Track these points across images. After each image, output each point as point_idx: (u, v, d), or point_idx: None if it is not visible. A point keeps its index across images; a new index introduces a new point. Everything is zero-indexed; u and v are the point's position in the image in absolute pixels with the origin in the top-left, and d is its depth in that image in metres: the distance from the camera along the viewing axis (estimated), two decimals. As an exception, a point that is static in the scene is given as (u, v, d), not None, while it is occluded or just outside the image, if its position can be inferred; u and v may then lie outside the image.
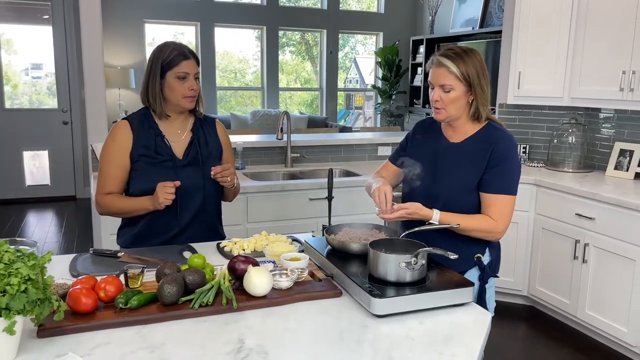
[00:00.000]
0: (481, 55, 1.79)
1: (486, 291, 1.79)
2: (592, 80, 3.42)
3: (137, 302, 1.35)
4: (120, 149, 1.95)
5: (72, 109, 6.48)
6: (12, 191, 6.34)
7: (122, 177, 1.97)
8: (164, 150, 1.97)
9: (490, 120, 1.82)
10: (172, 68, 1.91)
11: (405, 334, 1.32)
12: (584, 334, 3.26)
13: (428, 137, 1.92)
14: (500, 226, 1.74)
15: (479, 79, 1.73)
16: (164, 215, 1.94)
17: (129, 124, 1.98)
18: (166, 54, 1.91)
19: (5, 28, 6.15)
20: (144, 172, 1.95)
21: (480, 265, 1.80)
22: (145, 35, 7.36)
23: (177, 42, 1.98)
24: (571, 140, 3.76)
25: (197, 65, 1.97)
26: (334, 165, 3.84)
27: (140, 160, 1.95)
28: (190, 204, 1.99)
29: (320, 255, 1.72)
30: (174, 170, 1.96)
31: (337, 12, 8.24)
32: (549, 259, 3.40)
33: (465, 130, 1.82)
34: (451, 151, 1.83)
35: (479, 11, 6.93)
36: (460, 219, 1.73)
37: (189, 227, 2.01)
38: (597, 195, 3.02)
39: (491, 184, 1.75)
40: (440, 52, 1.78)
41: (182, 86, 1.93)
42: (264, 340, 1.27)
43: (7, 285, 1.09)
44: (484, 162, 1.76)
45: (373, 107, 9.00)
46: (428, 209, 1.71)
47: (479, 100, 1.75)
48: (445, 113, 1.77)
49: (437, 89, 1.76)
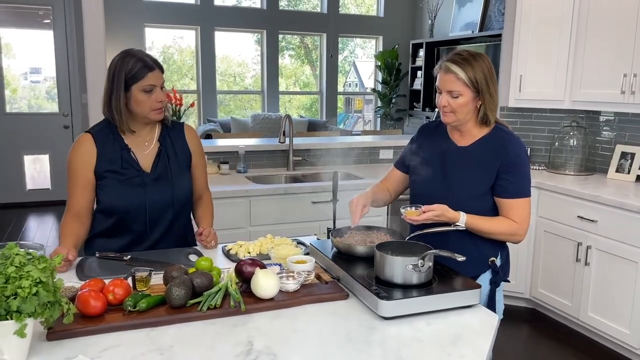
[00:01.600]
0: (489, 59, 1.79)
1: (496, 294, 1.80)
2: (593, 83, 3.44)
3: (145, 304, 1.36)
4: (84, 165, 1.86)
5: (73, 113, 6.48)
6: (12, 195, 6.33)
7: (89, 193, 1.89)
8: (130, 165, 1.89)
9: (497, 124, 1.83)
10: (137, 81, 1.81)
11: (413, 335, 1.33)
12: (586, 336, 3.26)
13: (434, 140, 1.91)
14: (523, 228, 1.76)
15: (487, 84, 1.73)
16: (134, 231, 1.91)
17: (92, 137, 1.89)
18: (129, 66, 1.81)
19: (4, 32, 6.16)
20: (111, 189, 1.88)
21: (494, 268, 1.80)
22: (145, 40, 7.37)
23: (138, 50, 1.88)
24: (572, 143, 3.78)
25: (162, 75, 1.88)
26: (336, 168, 3.84)
27: (106, 176, 1.87)
28: (161, 220, 1.93)
29: (326, 257, 1.72)
30: (142, 188, 1.89)
31: (337, 16, 8.26)
32: (550, 262, 3.41)
33: (473, 134, 1.82)
34: (459, 155, 1.83)
35: (478, 15, 6.96)
36: (486, 222, 1.74)
37: (160, 241, 1.96)
38: (599, 198, 3.03)
39: (507, 189, 1.75)
40: (448, 57, 1.77)
41: (149, 99, 1.84)
42: (273, 342, 1.27)
43: (19, 288, 1.09)
44: (495, 167, 1.76)
45: (372, 110, 9.02)
46: (454, 212, 1.71)
47: (487, 105, 1.75)
48: (453, 116, 1.77)
49: (445, 94, 1.75)
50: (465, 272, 1.60)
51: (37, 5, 6.29)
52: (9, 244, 1.18)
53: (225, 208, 2.97)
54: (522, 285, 3.58)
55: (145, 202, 1.89)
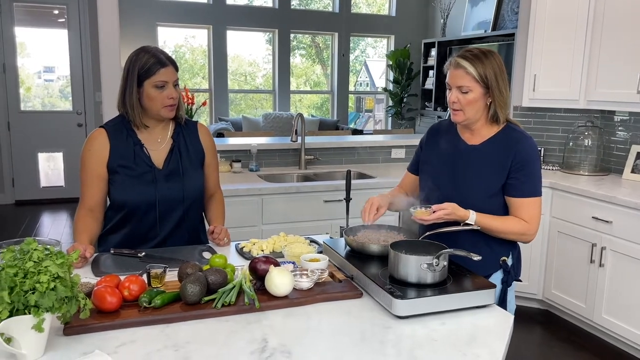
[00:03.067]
0: (500, 57, 1.78)
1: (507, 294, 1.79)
2: (609, 82, 3.40)
3: (160, 301, 1.37)
4: (97, 160, 1.88)
5: (87, 111, 6.54)
6: (27, 192, 6.40)
7: (102, 188, 1.90)
8: (143, 160, 1.90)
9: (508, 123, 1.82)
10: (149, 77, 1.82)
11: (428, 334, 1.32)
12: (600, 338, 3.23)
13: (444, 139, 1.90)
14: (533, 228, 1.75)
15: (497, 81, 1.72)
16: (144, 227, 1.92)
17: (105, 132, 1.90)
18: (142, 61, 1.82)
19: (19, 31, 6.22)
20: (123, 185, 1.88)
21: (505, 268, 1.79)
22: (158, 38, 7.42)
23: (153, 47, 1.89)
24: (587, 143, 3.74)
25: (175, 72, 1.89)
26: (348, 167, 3.84)
27: (118, 171, 1.88)
28: (171, 216, 1.94)
29: (340, 256, 1.72)
30: (153, 184, 1.89)
31: (349, 15, 8.25)
32: (564, 263, 3.37)
33: (483, 133, 1.82)
34: (470, 154, 1.82)
35: (491, 14, 6.92)
36: (495, 221, 1.73)
37: (170, 237, 1.96)
38: (614, 199, 2.99)
39: (518, 188, 1.75)
40: (459, 53, 1.77)
41: (160, 95, 1.84)
42: (287, 340, 1.27)
43: (37, 283, 1.10)
44: (506, 166, 1.75)
45: (383, 110, 8.99)
46: (464, 210, 1.71)
47: (497, 103, 1.74)
48: (463, 115, 1.77)
49: (455, 90, 1.75)
50: (477, 272, 1.60)
51: (52, 4, 6.35)
52: (27, 239, 1.20)
53: (238, 206, 2.98)
54: (535, 286, 3.55)
55: (156, 198, 1.90)
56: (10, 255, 1.15)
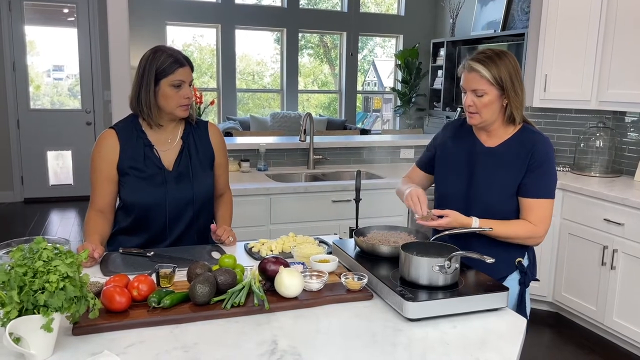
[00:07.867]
0: (514, 57, 1.76)
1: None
2: (621, 83, 3.36)
3: (169, 301, 1.35)
4: (107, 162, 1.87)
5: (95, 109, 6.56)
6: (36, 190, 6.44)
7: (112, 189, 1.90)
8: (152, 162, 1.89)
9: (525, 124, 1.80)
10: (167, 76, 1.82)
11: (439, 337, 1.30)
12: (611, 341, 3.19)
13: (460, 140, 1.88)
14: (541, 230, 1.73)
15: (512, 83, 1.70)
16: (154, 228, 1.91)
17: (115, 133, 1.89)
18: (160, 60, 1.82)
19: (29, 30, 6.25)
20: (133, 186, 1.88)
21: (521, 269, 1.77)
22: (167, 37, 7.43)
23: (168, 47, 1.89)
24: (598, 144, 3.70)
25: (191, 72, 1.89)
26: (357, 167, 3.82)
27: (128, 173, 1.87)
28: (181, 218, 1.93)
29: (350, 257, 1.70)
30: (163, 186, 1.89)
31: (358, 15, 8.22)
32: (575, 265, 3.34)
33: (500, 134, 1.79)
34: (487, 156, 1.80)
35: (501, 13, 6.87)
36: (499, 226, 1.71)
37: (180, 239, 1.95)
38: (627, 201, 2.96)
39: (531, 189, 1.73)
40: (472, 56, 1.75)
41: (177, 94, 1.84)
42: (297, 341, 1.26)
43: (46, 283, 1.10)
44: (523, 167, 1.73)
45: (391, 110, 8.96)
46: (466, 217, 1.70)
47: (513, 104, 1.72)
48: (479, 118, 1.75)
49: (470, 93, 1.73)
50: (492, 274, 1.57)
51: (62, 2, 6.37)
52: (36, 238, 1.19)
53: (246, 206, 2.97)
54: (545, 289, 3.51)
55: (166, 200, 1.89)
56: (20, 254, 1.14)
